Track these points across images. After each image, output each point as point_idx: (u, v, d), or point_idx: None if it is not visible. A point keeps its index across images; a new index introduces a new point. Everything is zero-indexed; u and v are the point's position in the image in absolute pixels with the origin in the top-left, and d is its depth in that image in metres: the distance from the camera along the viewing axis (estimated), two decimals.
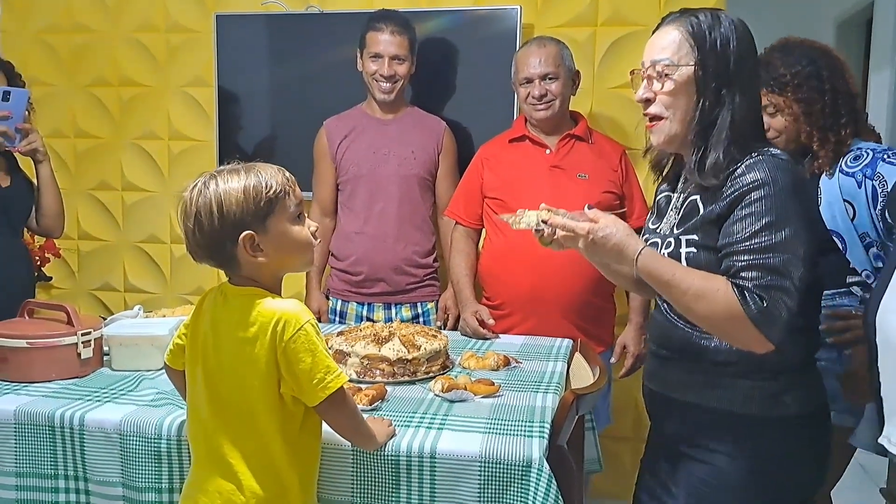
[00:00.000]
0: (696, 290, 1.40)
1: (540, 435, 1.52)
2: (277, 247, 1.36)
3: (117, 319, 2.10)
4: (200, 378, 1.39)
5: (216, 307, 1.39)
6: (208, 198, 1.31)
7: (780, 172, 1.41)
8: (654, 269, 1.44)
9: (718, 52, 1.47)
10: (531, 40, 2.56)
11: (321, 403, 1.34)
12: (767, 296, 1.36)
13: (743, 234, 1.40)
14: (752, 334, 1.37)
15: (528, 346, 2.23)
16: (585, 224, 1.46)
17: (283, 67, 3.07)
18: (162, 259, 3.29)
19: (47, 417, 1.60)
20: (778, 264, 1.37)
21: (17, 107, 2.35)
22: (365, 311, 2.75)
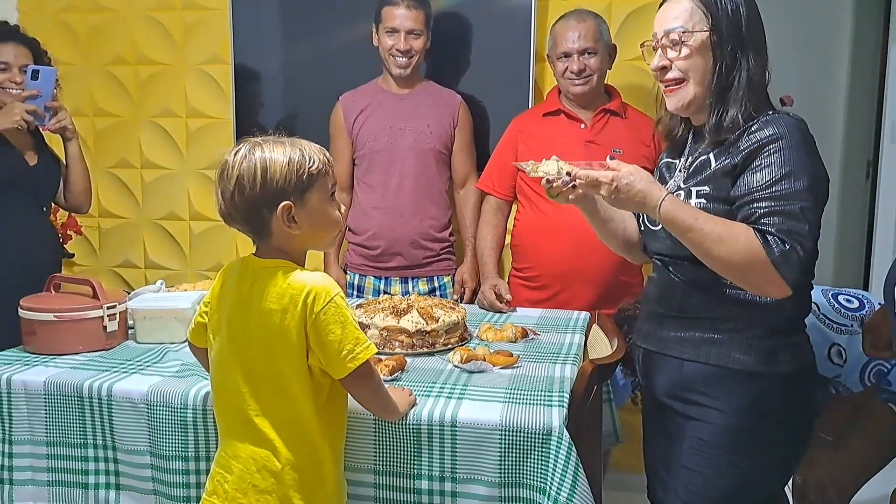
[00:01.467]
0: (719, 234, 1.44)
1: (560, 404, 1.54)
2: (311, 221, 1.38)
3: (141, 294, 2.13)
4: (229, 351, 1.40)
5: (243, 280, 1.40)
6: (253, 163, 1.33)
7: (795, 128, 1.48)
8: (677, 213, 1.48)
9: (730, 16, 1.52)
10: (570, 13, 2.53)
11: (348, 376, 1.36)
12: (789, 239, 1.41)
13: (763, 182, 1.45)
14: (771, 277, 1.42)
15: (545, 319, 2.25)
16: (609, 172, 1.51)
17: (299, 44, 3.07)
18: (181, 235, 3.32)
19: (76, 388, 1.64)
20: (797, 211, 1.42)
21: (46, 85, 2.38)
22: (382, 284, 2.77)
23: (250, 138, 1.38)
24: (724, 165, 1.52)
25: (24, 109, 2.30)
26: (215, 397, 1.46)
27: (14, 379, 1.68)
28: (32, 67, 2.38)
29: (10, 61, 2.38)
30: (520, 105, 2.83)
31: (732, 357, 1.55)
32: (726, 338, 1.56)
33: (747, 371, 1.54)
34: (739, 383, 1.55)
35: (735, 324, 1.55)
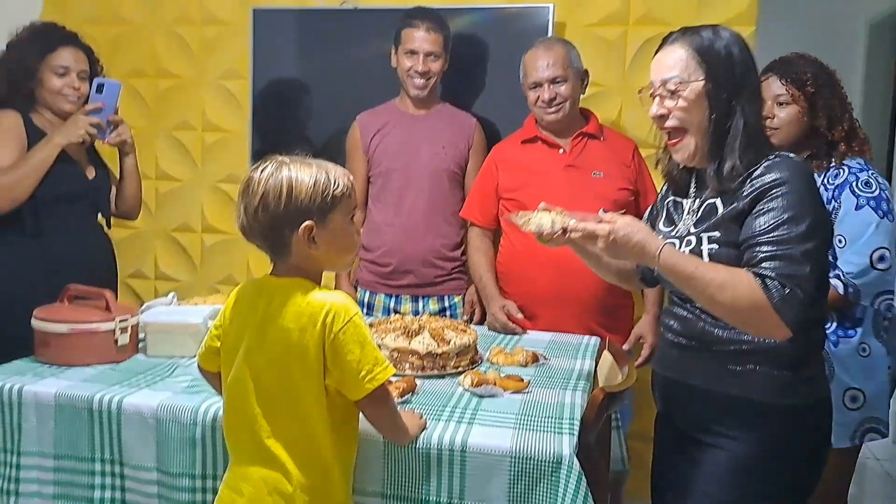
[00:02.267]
0: (720, 281, 1.46)
1: (570, 432, 1.53)
2: (331, 242, 1.39)
3: (153, 306, 2.13)
4: (245, 372, 1.40)
5: (259, 299, 1.41)
6: (279, 181, 1.34)
7: (798, 172, 1.51)
8: (677, 263, 1.50)
9: (725, 64, 1.55)
10: (538, 42, 2.55)
11: (365, 397, 1.35)
12: (789, 283, 1.42)
13: (766, 226, 1.47)
14: (772, 321, 1.44)
15: (555, 343, 2.24)
16: (605, 225, 1.53)
17: (318, 62, 3.09)
18: (193, 248, 3.33)
19: (86, 401, 1.64)
20: (797, 254, 1.44)
21: (110, 99, 2.37)
22: (392, 302, 2.77)
23: (276, 156, 1.39)
24: (731, 210, 1.55)
25: (87, 123, 2.31)
26: (226, 419, 1.46)
27: (25, 390, 1.68)
28: (98, 81, 2.38)
29: (69, 66, 2.36)
30: None
31: (753, 389, 1.57)
32: (747, 370, 1.57)
33: (766, 403, 1.56)
34: (759, 414, 1.57)
35: (755, 357, 1.56)
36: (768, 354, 1.55)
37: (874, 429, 2.13)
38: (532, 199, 2.45)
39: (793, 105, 2.17)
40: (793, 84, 2.17)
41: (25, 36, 2.39)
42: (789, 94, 2.17)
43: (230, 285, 3.27)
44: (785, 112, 2.18)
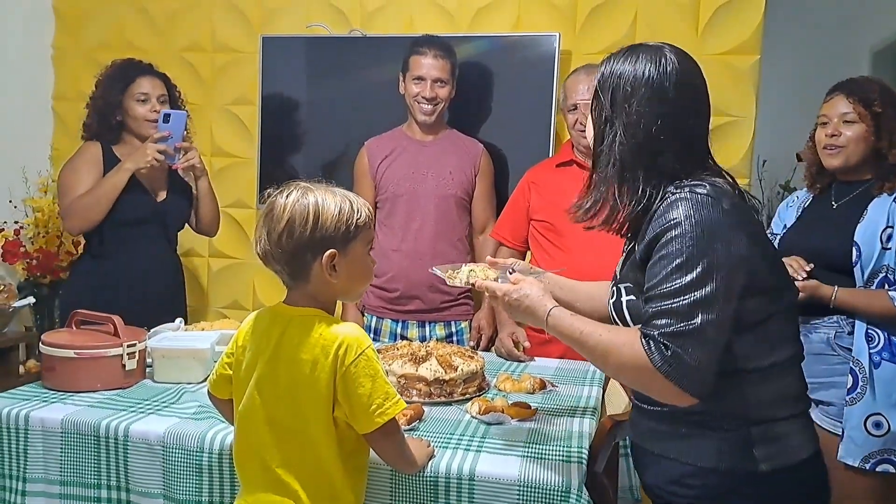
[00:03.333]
0: (604, 346, 1.33)
1: (578, 461, 1.52)
2: (350, 272, 1.39)
3: (160, 332, 2.14)
4: (256, 401, 1.39)
5: (273, 328, 1.40)
6: (305, 206, 1.34)
7: (697, 209, 1.29)
8: (562, 328, 1.40)
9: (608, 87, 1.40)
10: (581, 67, 2.58)
11: (374, 431, 1.35)
12: (673, 343, 1.24)
13: (656, 278, 1.29)
14: (665, 386, 1.26)
15: (562, 370, 2.23)
16: (504, 286, 1.50)
17: (326, 89, 3.12)
18: (201, 272, 3.34)
19: (93, 427, 1.64)
20: (686, 308, 1.25)
21: (177, 127, 2.55)
22: (399, 328, 2.77)
23: (300, 182, 1.39)
24: (637, 256, 1.39)
25: (155, 150, 2.49)
26: (237, 447, 1.45)
27: (32, 416, 1.68)
28: (165, 112, 2.56)
29: (149, 92, 2.58)
30: (540, 155, 2.86)
31: (700, 453, 1.36)
32: (693, 432, 1.37)
33: (719, 470, 1.35)
34: (714, 483, 1.36)
35: (702, 417, 1.35)
36: (715, 415, 1.34)
37: (888, 460, 2.10)
38: (562, 222, 2.47)
39: (859, 123, 2.14)
40: (860, 102, 2.15)
41: (107, 73, 2.64)
42: (856, 113, 2.14)
43: (237, 310, 3.28)
44: (851, 130, 2.15)
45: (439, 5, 3.08)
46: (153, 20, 3.32)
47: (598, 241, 2.39)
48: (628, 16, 2.92)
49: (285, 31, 3.15)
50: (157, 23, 3.32)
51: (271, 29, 3.17)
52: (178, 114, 2.58)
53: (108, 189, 2.46)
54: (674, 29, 2.85)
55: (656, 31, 2.87)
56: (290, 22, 3.17)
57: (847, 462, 2.06)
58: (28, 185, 3.25)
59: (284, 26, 3.17)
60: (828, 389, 2.13)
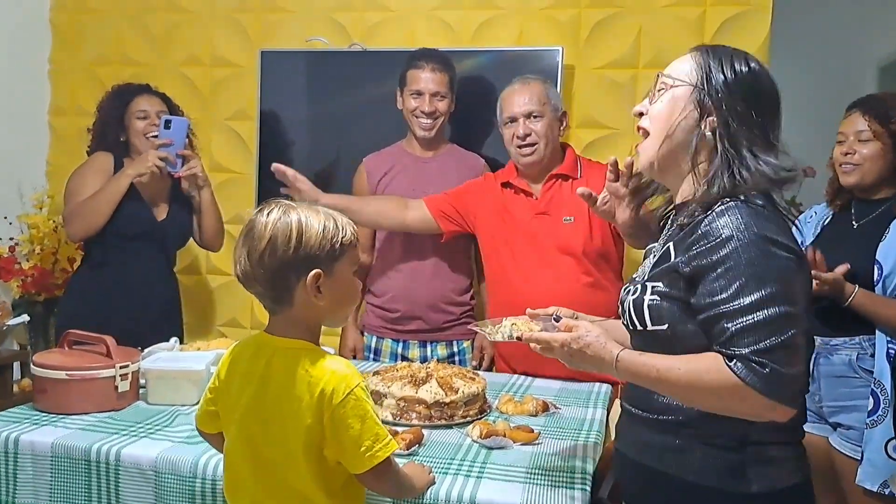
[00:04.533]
0: (687, 379, 1.25)
1: (582, 487, 1.48)
2: (335, 293, 1.33)
3: (154, 352, 2.09)
4: (241, 437, 1.34)
5: (257, 360, 1.34)
6: (288, 224, 1.28)
7: (754, 218, 1.26)
8: (636, 370, 1.31)
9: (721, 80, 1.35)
10: (516, 80, 2.49)
11: (366, 473, 1.30)
12: (769, 360, 1.19)
13: (723, 293, 1.24)
14: (763, 404, 1.21)
15: (566, 391, 2.18)
16: (561, 335, 1.36)
17: (325, 103, 3.09)
18: (198, 289, 3.30)
19: (84, 451, 1.60)
20: (771, 321, 1.21)
21: (178, 134, 2.55)
22: (400, 348, 2.72)
23: (280, 200, 1.34)
24: (677, 261, 1.32)
25: (156, 156, 2.48)
26: (226, 483, 1.40)
27: (22, 439, 1.64)
28: (165, 118, 2.56)
29: (147, 109, 2.60)
30: None
31: (692, 469, 1.32)
32: (688, 445, 1.33)
33: (706, 487, 1.31)
34: (702, 501, 1.33)
35: (698, 430, 1.31)
36: (712, 430, 1.30)
37: None
38: (502, 247, 2.46)
39: (874, 141, 2.10)
40: (876, 120, 2.11)
41: (106, 97, 2.68)
42: (871, 131, 2.11)
43: (235, 328, 3.24)
44: (867, 148, 2.11)
45: (441, 19, 3.05)
46: (151, 34, 3.30)
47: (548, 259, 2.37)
48: (633, 30, 2.90)
49: (284, 46, 3.13)
50: (154, 37, 3.29)
51: (270, 43, 3.14)
52: (180, 120, 2.58)
53: (110, 194, 2.46)
54: (678, 43, 2.81)
55: (661, 45, 2.84)
56: (290, 36, 3.15)
57: (865, 486, 2.00)
58: (23, 200, 3.22)
59: (283, 40, 3.15)
60: (849, 413, 2.08)
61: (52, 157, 3.43)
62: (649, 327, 1.34)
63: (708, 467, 1.31)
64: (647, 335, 1.36)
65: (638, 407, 1.42)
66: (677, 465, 1.33)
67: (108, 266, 2.58)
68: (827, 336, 2.10)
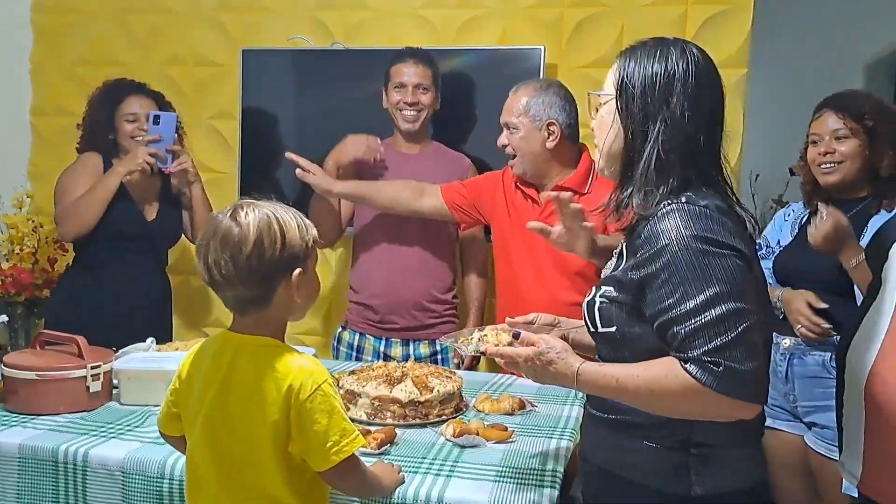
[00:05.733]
0: (647, 386, 1.24)
1: (552, 485, 1.47)
2: (308, 290, 1.33)
3: (129, 353, 2.08)
4: (205, 437, 1.32)
5: (222, 358, 1.33)
6: (270, 225, 1.26)
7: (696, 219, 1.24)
8: (595, 382, 1.30)
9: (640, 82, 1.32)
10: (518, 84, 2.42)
11: (330, 469, 1.28)
12: (722, 358, 1.18)
13: (671, 298, 1.22)
14: (725, 403, 1.18)
15: (545, 389, 2.16)
16: (524, 351, 1.34)
17: (308, 102, 3.08)
18: (181, 289, 3.28)
19: (51, 453, 1.58)
20: (720, 319, 1.18)
21: (167, 130, 2.53)
22: (382, 346, 2.71)
23: (244, 199, 1.31)
24: (626, 264, 1.32)
25: (146, 153, 2.47)
26: (187, 486, 1.38)
27: None
28: (154, 113, 2.55)
29: (137, 112, 2.57)
30: None
31: (639, 469, 1.31)
32: (635, 445, 1.32)
33: (651, 488, 1.30)
34: (646, 501, 1.31)
35: (644, 430, 1.30)
36: (659, 430, 1.29)
37: None
38: (509, 246, 2.42)
39: (852, 139, 2.07)
40: (851, 117, 2.08)
41: (97, 93, 2.65)
42: (847, 128, 2.07)
43: (218, 328, 3.21)
44: (846, 146, 2.08)
45: (423, 18, 3.04)
46: (133, 34, 3.27)
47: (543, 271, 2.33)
48: (615, 29, 2.89)
49: (266, 44, 3.11)
50: (137, 36, 3.27)
51: (252, 42, 3.13)
52: (168, 115, 2.55)
53: (101, 192, 2.45)
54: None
55: None
56: (272, 35, 3.13)
57: None
58: (2, 201, 3.19)
59: (266, 39, 3.13)
60: (824, 412, 2.06)
61: (34, 157, 3.40)
62: (600, 329, 1.34)
63: (652, 468, 1.30)
64: (598, 336, 1.37)
65: (592, 405, 1.42)
66: (625, 466, 1.33)
67: (97, 267, 2.57)
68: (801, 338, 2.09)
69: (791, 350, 2.11)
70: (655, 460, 1.30)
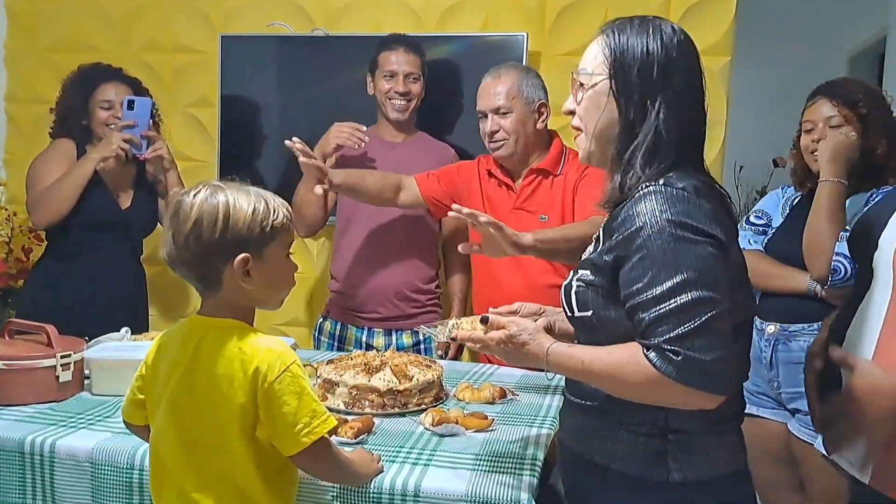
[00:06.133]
0: (609, 370, 1.23)
1: (531, 473, 1.44)
2: (267, 277, 1.29)
3: (101, 342, 2.03)
4: (170, 421, 1.29)
5: (189, 341, 1.30)
6: (216, 206, 1.24)
7: (673, 203, 1.21)
8: (564, 363, 1.30)
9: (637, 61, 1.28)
10: (491, 70, 2.37)
11: (300, 453, 1.25)
12: (681, 347, 1.15)
13: (640, 282, 1.19)
14: (683, 392, 1.16)
15: (526, 378, 2.15)
16: (497, 334, 1.35)
17: (288, 90, 3.04)
18: (158, 279, 3.23)
19: (17, 443, 1.54)
20: (684, 307, 1.16)
21: (142, 115, 2.49)
22: (365, 336, 2.68)
23: (211, 181, 1.29)
24: (602, 248, 1.30)
25: (120, 139, 2.43)
26: (151, 474, 1.35)
27: None
28: (128, 98, 2.50)
29: (112, 99, 2.52)
30: None
31: (616, 455, 1.30)
32: (612, 432, 1.30)
33: (629, 475, 1.29)
34: (627, 489, 1.30)
35: (620, 417, 1.29)
36: (634, 416, 1.28)
37: None
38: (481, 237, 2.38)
39: (846, 126, 2.04)
40: (845, 105, 2.05)
41: (72, 78, 2.59)
42: (841, 116, 2.05)
43: None
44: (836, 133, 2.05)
45: (405, 4, 3.00)
46: (110, 19, 3.22)
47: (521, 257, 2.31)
48: (598, 16, 2.86)
49: (246, 30, 3.06)
50: (114, 22, 3.21)
51: (232, 28, 3.08)
52: (143, 101, 2.51)
53: (74, 179, 2.40)
54: None
55: None
56: (251, 21, 3.08)
57: None
58: None
59: (245, 25, 3.08)
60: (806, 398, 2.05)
61: (9, 145, 3.34)
62: (576, 313, 1.32)
63: (630, 455, 1.28)
64: (575, 321, 1.35)
65: (570, 392, 1.40)
66: (603, 452, 1.32)
67: (71, 256, 2.52)
68: (785, 323, 2.07)
69: (776, 336, 2.09)
70: (633, 447, 1.28)
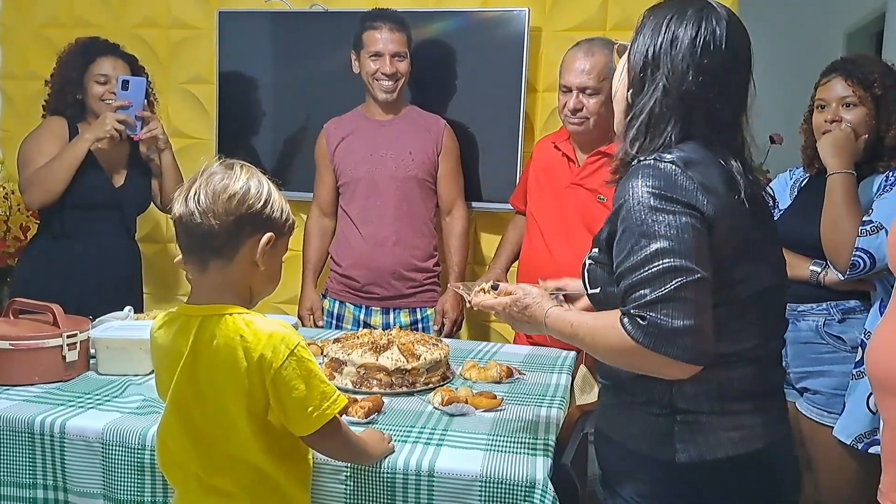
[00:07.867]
0: (592, 337, 1.26)
1: (544, 453, 1.45)
2: (271, 266, 1.31)
3: (105, 321, 2.02)
4: (173, 415, 1.29)
5: (183, 331, 1.28)
6: (260, 183, 1.27)
7: (652, 178, 1.22)
8: (558, 327, 1.33)
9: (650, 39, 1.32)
10: (582, 42, 2.33)
11: (313, 434, 1.26)
12: (648, 313, 1.16)
13: (623, 253, 1.22)
14: (654, 359, 1.17)
15: (532, 357, 2.15)
16: (504, 299, 1.42)
17: (286, 66, 3.00)
18: (158, 259, 3.22)
19: (27, 424, 1.53)
20: (656, 275, 1.16)
21: (136, 95, 2.45)
22: (362, 314, 2.68)
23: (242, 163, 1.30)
24: (605, 227, 1.33)
25: (114, 119, 2.39)
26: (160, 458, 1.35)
27: None
28: (122, 78, 2.46)
29: (108, 73, 2.48)
30: (510, 132, 2.79)
31: (629, 433, 1.33)
32: (626, 410, 1.34)
33: (639, 453, 1.31)
34: (640, 468, 1.32)
35: (631, 395, 1.32)
36: (644, 395, 1.29)
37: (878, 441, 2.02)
38: (539, 209, 2.42)
39: (860, 107, 2.02)
40: (860, 85, 2.01)
41: (68, 51, 2.55)
42: (856, 96, 2.01)
43: None
44: (852, 114, 2.02)
45: None
46: None
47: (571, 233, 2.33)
48: None
49: (243, 6, 3.02)
50: None
51: (229, 3, 3.03)
52: (137, 80, 2.47)
53: (68, 159, 2.37)
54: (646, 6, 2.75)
55: (627, 8, 2.78)
56: None
57: (840, 438, 1.96)
58: None
59: (243, 1, 3.03)
60: (816, 378, 2.06)
61: (4, 122, 3.29)
62: (590, 291, 1.36)
63: (642, 433, 1.31)
64: (591, 298, 1.38)
65: (599, 372, 1.43)
66: (621, 430, 1.35)
67: (65, 235, 2.49)
68: (794, 303, 2.07)
69: None
70: (645, 426, 1.31)
